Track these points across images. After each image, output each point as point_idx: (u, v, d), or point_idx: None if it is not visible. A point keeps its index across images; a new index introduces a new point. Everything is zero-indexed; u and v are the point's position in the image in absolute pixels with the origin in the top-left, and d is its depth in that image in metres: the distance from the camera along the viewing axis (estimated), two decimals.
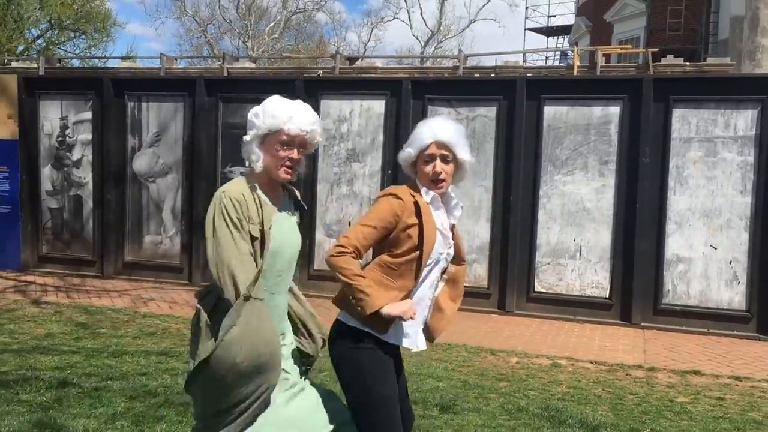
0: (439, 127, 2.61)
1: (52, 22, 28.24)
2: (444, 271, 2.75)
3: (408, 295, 2.60)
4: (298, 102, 2.65)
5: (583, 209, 8.28)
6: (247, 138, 2.62)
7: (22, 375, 5.39)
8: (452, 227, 2.76)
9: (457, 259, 2.80)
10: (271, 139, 2.58)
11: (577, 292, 8.32)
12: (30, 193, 10.36)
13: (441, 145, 2.59)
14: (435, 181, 2.61)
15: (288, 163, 2.59)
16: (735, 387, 6.00)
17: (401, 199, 2.58)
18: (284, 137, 2.56)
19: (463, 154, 2.62)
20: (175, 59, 13.06)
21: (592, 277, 8.28)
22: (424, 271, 2.62)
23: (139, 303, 8.56)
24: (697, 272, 7.94)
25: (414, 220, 2.57)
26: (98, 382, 5.32)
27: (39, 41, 29.00)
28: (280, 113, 2.57)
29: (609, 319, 8.20)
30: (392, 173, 9.00)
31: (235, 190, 2.54)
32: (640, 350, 7.15)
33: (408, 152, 2.65)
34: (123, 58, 14.22)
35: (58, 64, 14.72)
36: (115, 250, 10.12)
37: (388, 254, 2.60)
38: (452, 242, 2.73)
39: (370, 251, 2.67)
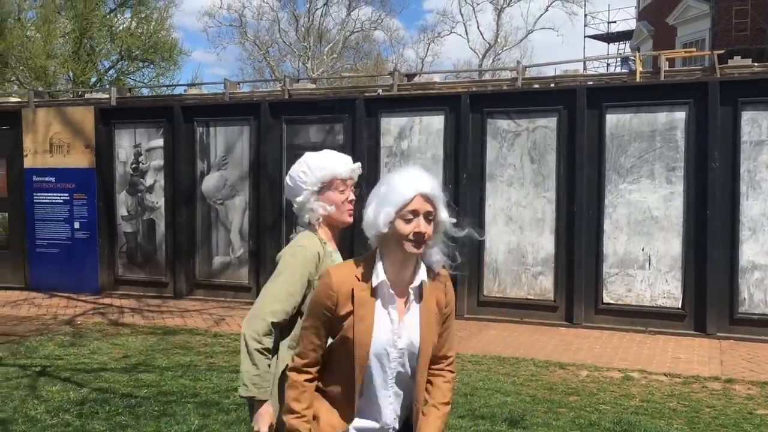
0: (420, 178, 2.15)
1: (122, 53, 29.43)
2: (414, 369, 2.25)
3: (352, 406, 2.22)
4: (328, 150, 2.76)
5: (651, 218, 8.10)
6: (300, 199, 2.67)
7: (101, 395, 5.62)
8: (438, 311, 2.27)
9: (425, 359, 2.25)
10: (326, 189, 2.67)
11: (648, 303, 8.12)
12: (107, 218, 10.82)
13: (426, 198, 2.14)
14: (416, 243, 2.13)
15: (350, 206, 2.69)
16: None
17: (330, 283, 2.17)
18: (339, 182, 2.67)
19: (444, 213, 2.19)
20: (238, 84, 13.44)
21: (663, 287, 8.07)
22: (367, 370, 2.20)
23: (210, 322, 8.80)
24: None
25: (347, 309, 2.17)
26: (173, 400, 5.50)
27: (110, 72, 30.26)
28: (326, 163, 2.66)
29: (682, 330, 7.97)
30: (453, 188, 9.00)
31: (311, 247, 2.61)
32: (716, 361, 6.92)
33: (386, 212, 2.13)
34: (189, 86, 14.72)
35: (128, 94, 15.35)
36: (186, 271, 10.44)
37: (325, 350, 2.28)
38: (405, 335, 2.21)
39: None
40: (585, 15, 31.40)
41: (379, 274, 2.17)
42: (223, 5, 50.70)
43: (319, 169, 2.64)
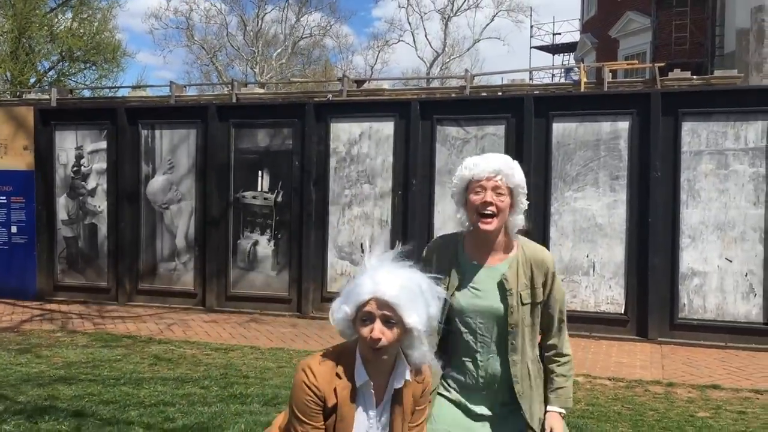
0: (384, 281, 2.06)
1: (63, 54, 28.66)
2: None
3: None
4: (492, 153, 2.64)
5: (595, 225, 8.27)
6: (454, 189, 2.62)
7: (41, 404, 5.42)
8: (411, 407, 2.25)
9: None
10: (463, 195, 2.58)
11: (592, 309, 8.29)
12: (46, 222, 10.47)
13: (383, 304, 2.06)
14: (373, 350, 2.08)
15: (481, 210, 2.48)
16: (756, 400, 5.94)
17: (315, 383, 2.11)
18: (474, 186, 2.51)
19: (411, 318, 2.06)
20: (185, 87, 13.22)
21: (607, 293, 8.25)
22: None
23: (154, 329, 8.60)
24: (712, 286, 7.89)
25: (331, 404, 2.13)
26: (116, 409, 5.34)
27: (50, 73, 29.42)
28: (467, 164, 2.56)
29: (625, 335, 8.15)
30: (402, 194, 9.03)
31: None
32: (657, 365, 7.10)
33: (344, 311, 2.11)
34: (133, 88, 14.42)
35: (69, 95, 14.91)
36: (129, 278, 10.18)
37: None
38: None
39: None
40: (531, 26, 31.99)
41: (361, 374, 2.13)
42: (169, 7, 49.97)
43: (461, 168, 2.59)
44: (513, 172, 2.50)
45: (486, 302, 2.55)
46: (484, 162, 2.50)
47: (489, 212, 2.48)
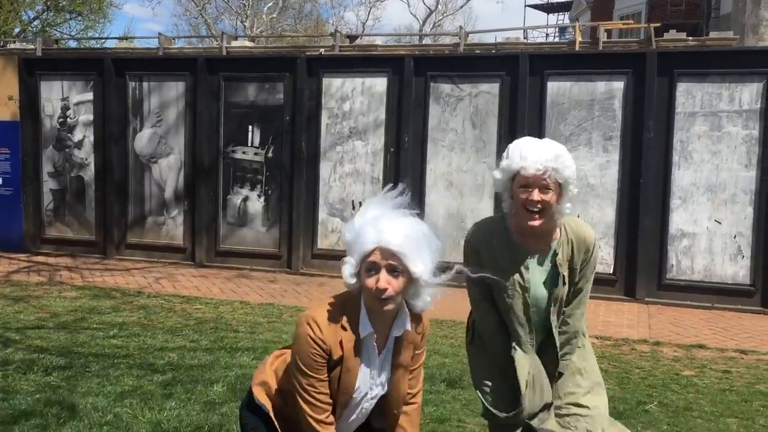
0: (387, 228, 2.04)
1: (48, 3, 28.01)
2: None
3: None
4: (540, 140, 2.56)
5: (587, 185, 8.25)
6: (498, 176, 2.56)
7: (30, 356, 5.41)
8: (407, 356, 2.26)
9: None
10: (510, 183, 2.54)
11: None
12: (32, 174, 10.33)
13: (387, 254, 2.03)
14: (380, 300, 2.06)
15: (529, 207, 2.44)
16: (740, 360, 6.02)
17: (321, 336, 2.09)
18: (521, 178, 2.46)
19: (417, 267, 2.05)
20: (173, 39, 12.96)
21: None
22: (343, 412, 2.22)
23: (143, 283, 8.57)
24: (701, 247, 7.93)
25: (337, 356, 2.11)
26: (105, 361, 5.34)
27: (35, 23, 28.79)
28: (515, 153, 2.48)
29: (613, 295, 8.20)
30: (395, 152, 8.96)
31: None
32: (644, 325, 7.16)
33: (349, 262, 2.09)
34: (120, 39, 14.12)
35: (55, 46, 14.59)
36: (117, 232, 10.11)
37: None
38: (378, 388, 2.24)
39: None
40: None
41: (366, 326, 2.11)
42: None
43: (506, 157, 2.53)
44: (562, 167, 2.45)
45: (537, 290, 2.62)
46: (533, 155, 2.43)
47: (536, 210, 2.46)
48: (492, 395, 2.74)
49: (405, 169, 8.89)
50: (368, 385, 2.19)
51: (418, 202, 2.71)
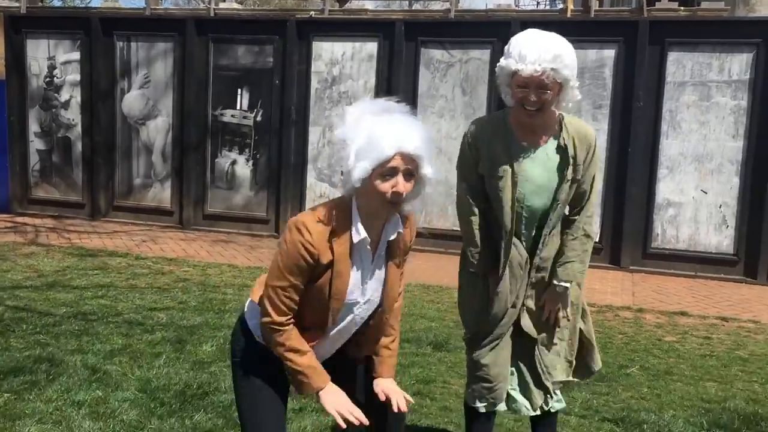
0: (404, 134, 2.01)
1: None
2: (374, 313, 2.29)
3: (315, 339, 2.22)
4: (537, 35, 2.54)
5: None
6: (499, 71, 2.64)
7: (18, 314, 5.42)
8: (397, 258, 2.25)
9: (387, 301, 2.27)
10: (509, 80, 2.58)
11: None
12: (18, 134, 10.22)
13: (408, 158, 2.01)
14: (393, 203, 2.05)
15: (526, 106, 2.53)
16: (721, 327, 6.13)
17: (311, 240, 2.06)
18: (519, 79, 2.50)
19: (428, 169, 2.05)
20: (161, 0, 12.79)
21: None
22: (335, 318, 2.20)
23: (131, 245, 8.56)
24: (686, 216, 8.01)
25: (326, 261, 2.09)
26: (94, 320, 5.37)
27: None
28: (514, 51, 2.51)
29: (599, 263, 8.27)
30: None
31: None
32: (628, 292, 7.26)
33: (362, 167, 2.00)
34: None
35: (40, 3, 14.32)
36: (104, 193, 10.06)
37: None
38: (372, 295, 2.23)
39: None
40: None
41: (360, 231, 2.09)
42: None
43: (505, 56, 2.67)
44: (561, 67, 2.46)
45: (536, 183, 2.65)
46: (531, 55, 2.44)
47: (533, 108, 2.51)
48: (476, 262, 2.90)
49: None
50: (360, 291, 2.17)
51: None
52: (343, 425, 2.11)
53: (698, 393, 4.45)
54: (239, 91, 9.47)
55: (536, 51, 2.43)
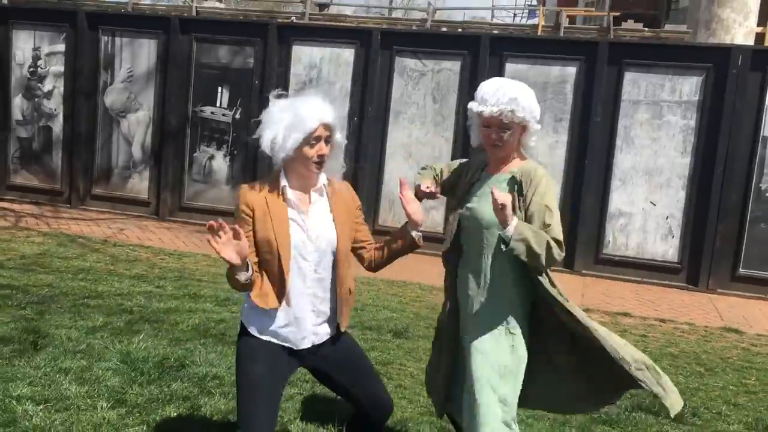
0: (323, 108, 2.58)
1: None
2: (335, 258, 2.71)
3: (283, 294, 2.64)
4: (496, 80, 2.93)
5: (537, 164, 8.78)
6: (468, 114, 3.01)
7: (1, 291, 5.73)
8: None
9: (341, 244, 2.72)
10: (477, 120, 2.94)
11: None
12: (0, 122, 10.46)
13: (327, 126, 2.58)
14: (318, 163, 2.60)
15: (488, 143, 2.90)
16: (659, 327, 6.66)
17: (245, 195, 2.62)
18: (483, 120, 2.87)
19: (339, 135, 2.64)
20: None
21: None
22: (289, 265, 2.62)
23: (109, 233, 8.87)
24: (636, 226, 8.57)
25: (265, 217, 2.60)
26: (76, 300, 5.70)
27: None
28: (479, 96, 2.88)
29: (554, 267, 8.78)
30: (358, 121, 9.36)
31: None
32: (578, 294, 7.77)
33: (295, 138, 2.53)
34: None
35: None
36: (83, 182, 10.35)
37: (254, 253, 2.64)
38: (319, 234, 2.67)
39: None
40: None
41: (286, 187, 2.64)
42: None
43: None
44: (518, 109, 2.80)
45: (485, 206, 2.89)
46: (491, 99, 2.82)
47: (496, 144, 2.89)
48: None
49: (367, 138, 9.31)
50: (304, 235, 2.63)
51: (377, 171, 3.21)
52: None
53: None
54: (219, 89, 9.83)
55: (495, 95, 2.82)
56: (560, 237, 2.80)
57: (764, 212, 8.23)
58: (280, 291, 2.65)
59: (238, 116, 9.79)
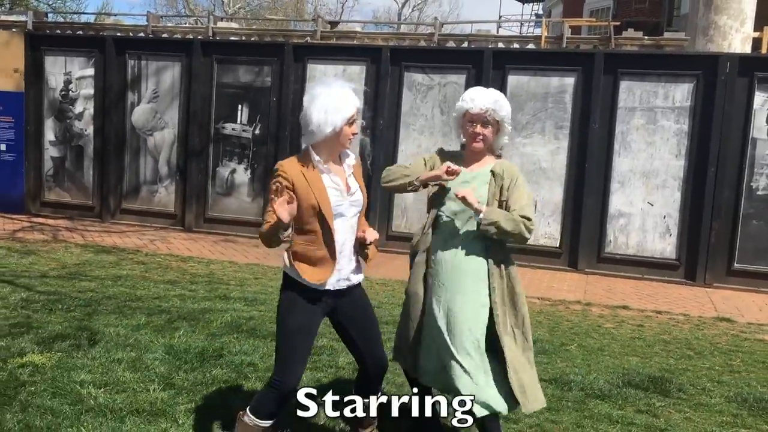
0: (354, 97, 3.15)
1: None
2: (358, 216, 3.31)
3: (331, 252, 3.17)
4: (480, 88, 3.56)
5: (539, 168, 9.32)
6: (454, 115, 3.60)
7: (52, 296, 6.33)
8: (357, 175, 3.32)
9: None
10: (462, 119, 3.54)
11: (531, 242, 9.35)
12: (34, 142, 11.14)
13: (357, 110, 3.17)
14: (352, 139, 3.21)
15: (472, 137, 3.48)
16: (655, 318, 7.15)
17: (284, 169, 3.13)
18: (469, 116, 3.46)
19: (360, 118, 3.27)
20: (161, 17, 13.76)
21: (545, 229, 9.37)
22: (334, 224, 3.16)
23: (139, 244, 9.48)
24: (635, 225, 9.06)
25: (303, 183, 3.12)
26: (118, 303, 6.28)
27: None
28: (467, 96, 3.48)
29: (558, 266, 9.31)
30: (370, 133, 9.94)
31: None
32: (581, 290, 8.27)
33: (337, 120, 3.08)
34: (104, 14, 14.86)
35: (45, 19, 15.26)
36: (112, 197, 10.98)
37: (300, 219, 3.14)
38: (356, 192, 3.26)
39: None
40: None
41: (316, 157, 3.17)
42: None
43: (460, 100, 3.55)
44: (499, 108, 3.42)
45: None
46: (479, 99, 3.45)
47: (479, 139, 3.48)
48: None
49: (379, 149, 9.88)
50: (340, 195, 3.19)
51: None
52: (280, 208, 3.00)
53: (622, 364, 5.45)
54: (239, 106, 10.46)
55: (481, 96, 3.47)
56: (530, 215, 3.37)
57: (756, 209, 8.71)
58: (330, 251, 3.18)
59: (257, 132, 10.40)
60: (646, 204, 9.01)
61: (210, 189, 10.61)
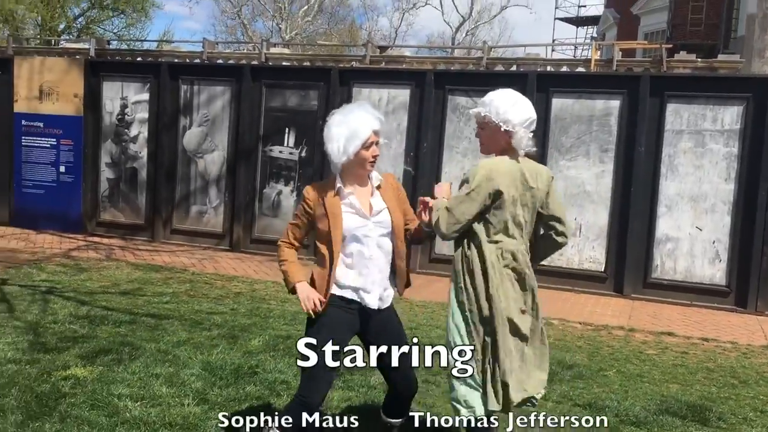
0: (371, 118, 3.19)
1: (93, 1, 29.38)
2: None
3: (330, 270, 3.25)
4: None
5: (584, 192, 9.23)
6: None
7: (101, 312, 6.56)
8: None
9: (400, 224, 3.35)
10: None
11: (576, 266, 9.29)
12: (91, 164, 11.58)
13: (376, 132, 3.20)
14: (372, 162, 3.24)
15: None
16: (701, 346, 6.96)
17: (308, 196, 3.28)
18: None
19: (382, 138, 3.30)
20: (216, 44, 14.20)
21: (590, 253, 9.25)
22: (348, 247, 3.25)
23: (188, 263, 9.73)
24: (683, 250, 8.86)
25: (321, 211, 3.24)
26: (162, 319, 6.47)
27: (79, 20, 30.18)
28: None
29: (603, 291, 9.16)
30: (414, 156, 10.01)
31: None
32: (626, 316, 8.11)
33: (355, 145, 3.16)
34: (164, 41, 15.41)
35: (107, 46, 15.90)
36: (164, 218, 11.31)
37: (316, 239, 3.33)
38: (381, 212, 3.29)
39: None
40: None
41: (342, 188, 3.26)
42: None
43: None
44: (484, 109, 3.41)
45: None
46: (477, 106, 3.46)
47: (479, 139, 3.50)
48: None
49: (423, 171, 9.94)
50: (357, 221, 3.25)
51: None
52: (308, 309, 3.28)
53: (661, 391, 5.33)
54: (286, 129, 10.69)
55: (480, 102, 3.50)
56: (449, 204, 3.30)
57: None
58: (329, 272, 3.26)
59: (303, 154, 10.60)
60: (694, 228, 8.82)
61: (257, 210, 10.84)
